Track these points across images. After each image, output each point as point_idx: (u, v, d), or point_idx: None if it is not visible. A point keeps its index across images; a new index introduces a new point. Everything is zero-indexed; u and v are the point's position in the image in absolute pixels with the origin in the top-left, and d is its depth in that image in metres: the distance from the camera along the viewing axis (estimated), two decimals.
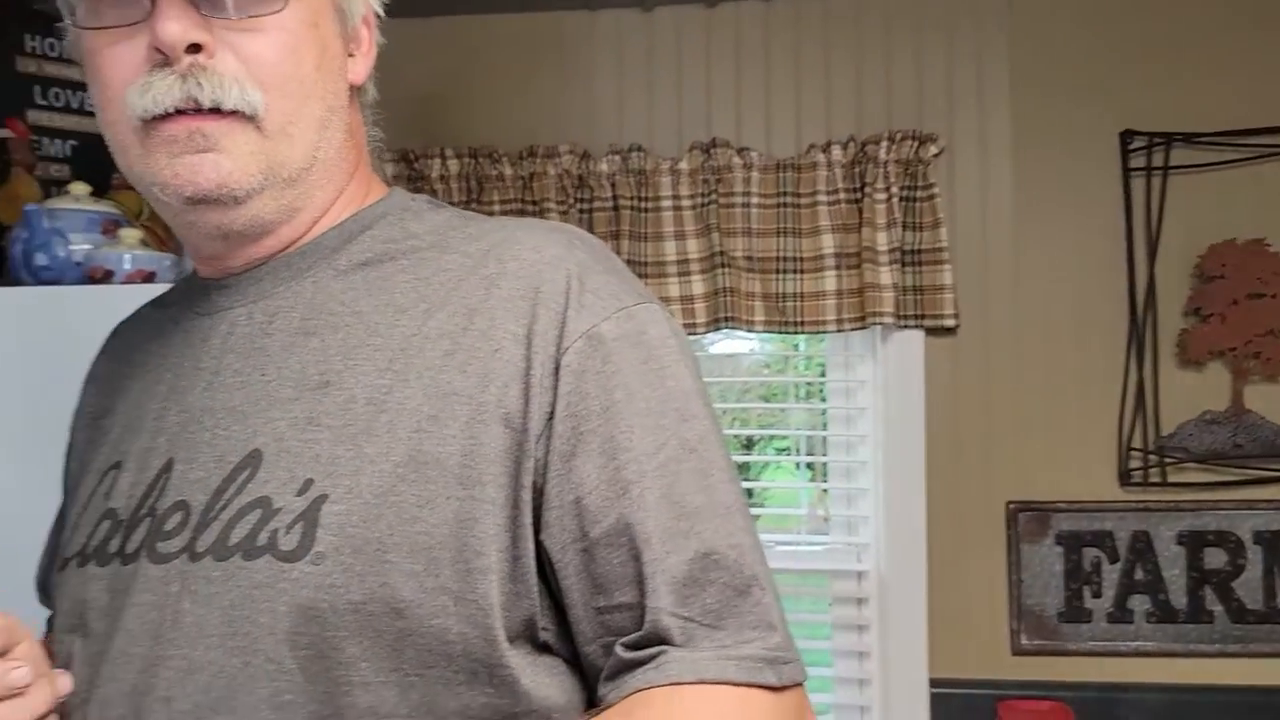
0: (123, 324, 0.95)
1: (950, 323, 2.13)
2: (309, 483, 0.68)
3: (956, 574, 2.17)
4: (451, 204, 2.21)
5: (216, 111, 0.71)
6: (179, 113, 0.71)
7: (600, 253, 0.78)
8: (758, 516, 2.54)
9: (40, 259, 1.65)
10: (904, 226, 2.12)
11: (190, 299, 0.84)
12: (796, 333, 2.17)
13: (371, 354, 0.73)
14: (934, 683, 2.16)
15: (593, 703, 0.72)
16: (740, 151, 2.17)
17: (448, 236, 0.79)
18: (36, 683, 0.69)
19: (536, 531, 0.70)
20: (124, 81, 0.72)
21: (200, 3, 0.70)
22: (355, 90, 0.82)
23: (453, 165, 2.21)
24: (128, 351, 0.89)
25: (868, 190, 2.11)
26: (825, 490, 2.40)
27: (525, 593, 0.69)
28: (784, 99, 2.22)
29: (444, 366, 0.71)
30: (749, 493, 2.63)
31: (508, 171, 2.20)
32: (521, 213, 2.20)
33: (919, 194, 2.12)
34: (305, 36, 0.74)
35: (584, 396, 0.70)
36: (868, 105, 2.20)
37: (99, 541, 0.77)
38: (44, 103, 2.17)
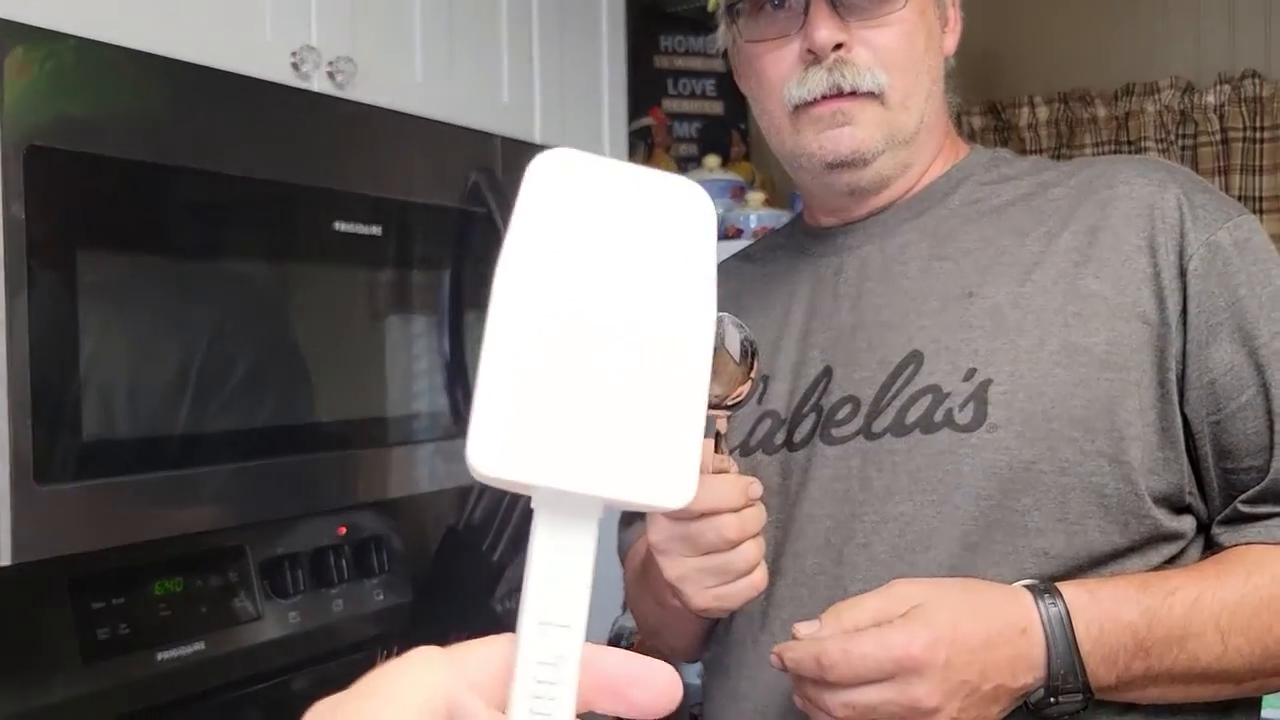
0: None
1: None
2: (972, 371, 0.84)
3: None
4: (1040, 151, 2.22)
5: (853, 93, 0.89)
6: (824, 97, 0.89)
7: (1194, 176, 0.93)
8: None
9: None
10: None
11: (805, 246, 1.03)
12: None
13: (1006, 268, 0.87)
14: None
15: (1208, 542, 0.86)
16: None
17: (1043, 175, 0.94)
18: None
19: (1181, 406, 0.82)
20: (782, 78, 0.91)
21: (840, 11, 0.88)
22: (945, 61, 0.97)
23: (1042, 112, 2.21)
24: (732, 296, 1.05)
25: None
26: None
27: (1174, 459, 0.82)
28: None
29: (1078, 274, 0.85)
30: None
31: (1101, 113, 2.15)
32: (1117, 155, 2.14)
33: None
34: (918, 24, 0.91)
35: (1211, 295, 0.84)
36: None
37: (762, 436, 0.96)
38: (675, 92, 2.54)
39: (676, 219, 0.35)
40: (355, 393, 1.33)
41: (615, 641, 1.76)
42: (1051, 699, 0.75)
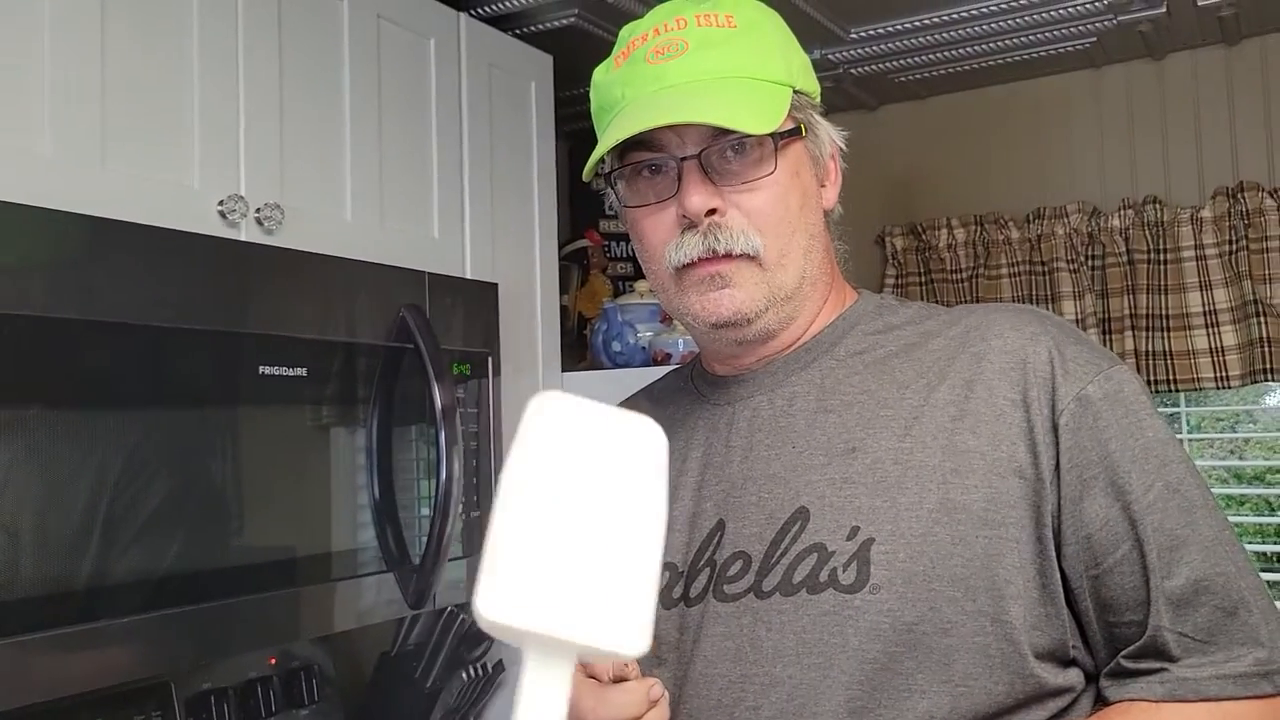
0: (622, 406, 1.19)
1: None
2: (855, 529, 0.85)
3: None
4: (959, 270, 2.32)
5: (728, 255, 0.91)
6: (701, 260, 0.92)
7: (1066, 326, 0.93)
8: None
9: (615, 346, 2.02)
10: None
11: (702, 392, 1.06)
12: None
13: (887, 423, 0.90)
14: None
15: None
16: (1273, 193, 2.03)
17: (925, 324, 0.97)
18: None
19: (1060, 562, 0.84)
20: (662, 241, 0.94)
21: (713, 177, 0.91)
22: (827, 214, 1.00)
23: (959, 234, 2.31)
24: None
25: None
26: None
27: (1055, 614, 0.84)
28: None
29: (955, 430, 0.87)
30: None
31: (1014, 235, 2.25)
32: (1030, 275, 2.24)
33: None
34: (790, 186, 0.93)
35: (1083, 450, 0.85)
36: None
37: (660, 588, 0.98)
38: (611, 213, 2.61)
39: (638, 444, 0.49)
40: (282, 531, 1.34)
41: None
42: None
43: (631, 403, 1.18)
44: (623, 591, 0.47)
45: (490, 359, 1.68)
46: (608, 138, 0.92)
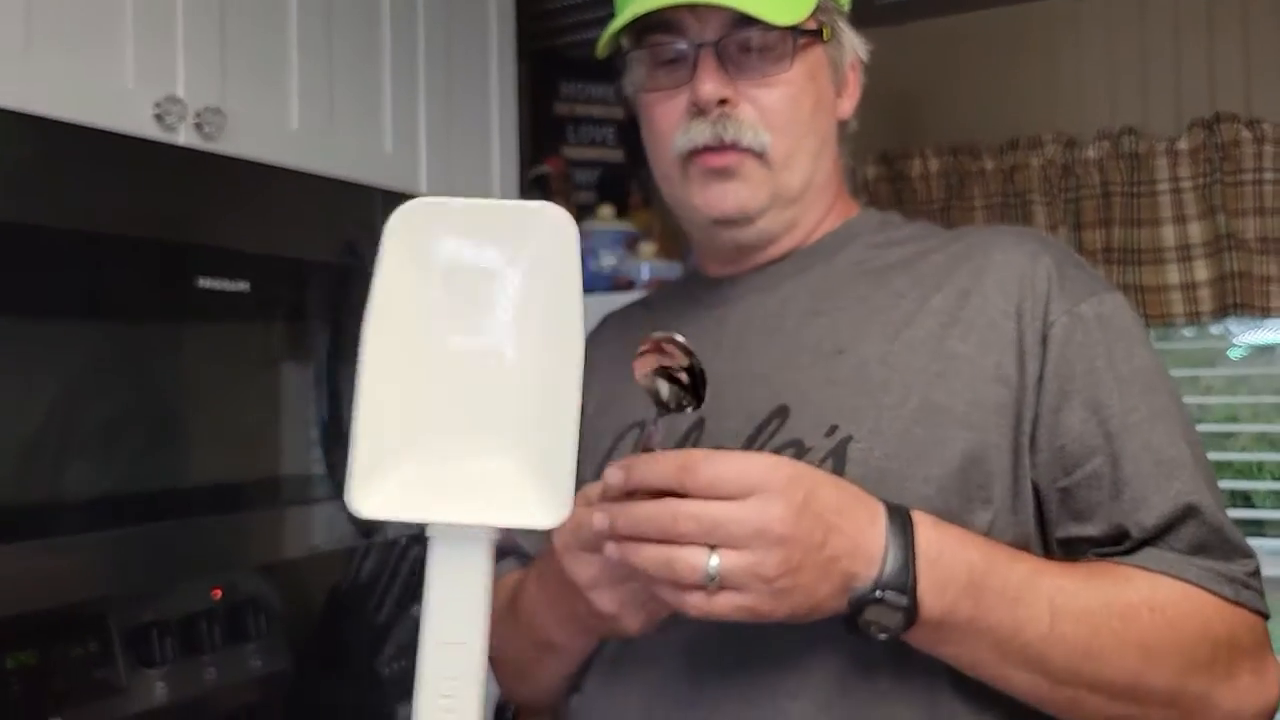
0: (613, 315, 1.17)
1: None
2: (834, 428, 0.84)
3: None
4: (932, 201, 2.27)
5: (734, 146, 0.90)
6: (708, 150, 0.91)
7: (1068, 252, 0.93)
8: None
9: None
10: None
11: (697, 295, 1.04)
12: None
13: (879, 327, 0.89)
14: None
15: None
16: (1250, 124, 1.99)
17: (928, 240, 0.96)
18: None
19: (1031, 472, 0.83)
20: (671, 127, 0.93)
21: (728, 67, 0.90)
22: (842, 125, 0.99)
23: (933, 164, 2.25)
24: (625, 338, 1.08)
25: None
26: None
27: (1023, 523, 0.83)
28: None
29: (945, 335, 0.86)
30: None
31: (989, 166, 2.20)
32: (1004, 206, 2.19)
33: None
34: (805, 88, 0.92)
35: (1067, 363, 0.84)
36: None
37: None
38: (574, 140, 2.54)
39: (538, 246, 0.36)
40: (227, 455, 1.27)
41: (501, 711, 1.71)
42: (877, 593, 0.70)
43: (623, 314, 1.17)
44: (531, 449, 0.37)
45: None
46: (626, 11, 0.90)
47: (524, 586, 1.00)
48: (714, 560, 0.67)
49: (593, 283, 1.95)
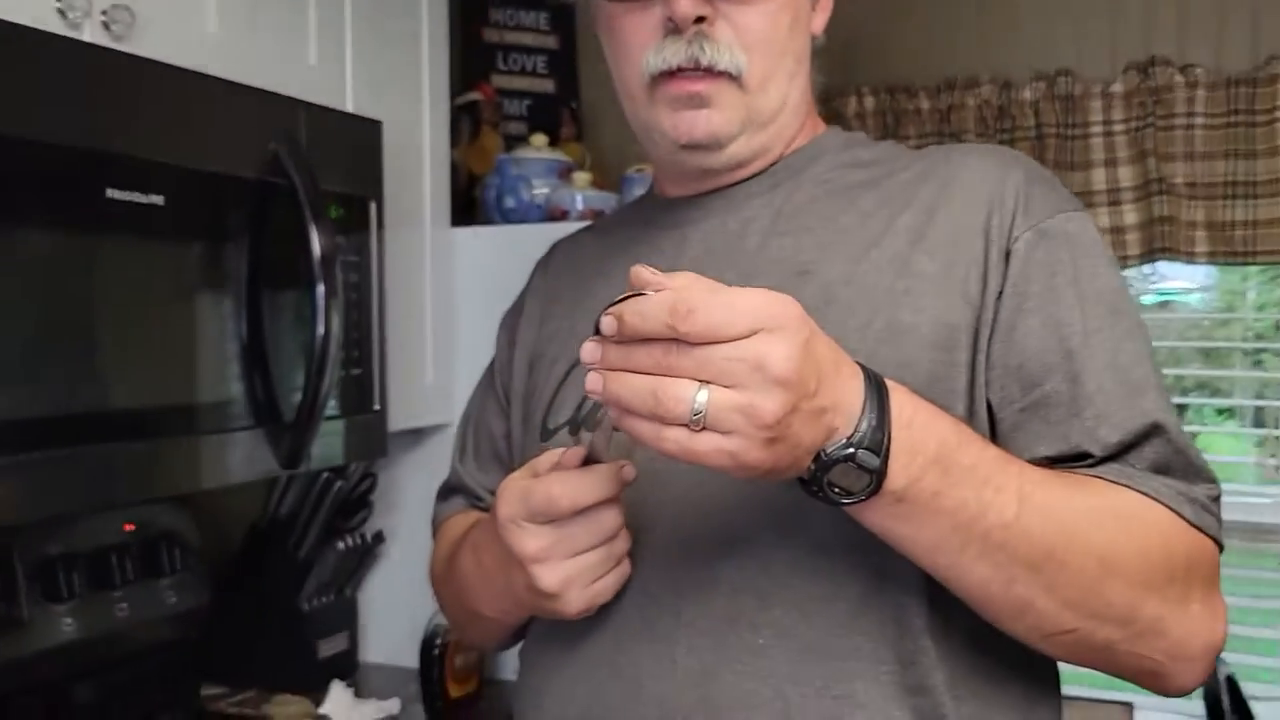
0: (562, 241, 1.12)
1: None
2: None
3: None
4: None
5: (709, 70, 0.86)
6: (681, 72, 0.86)
7: (1038, 168, 0.89)
8: None
9: (509, 201, 1.89)
10: None
11: (651, 217, 1.00)
12: (1247, 263, 1.98)
13: (845, 247, 0.85)
14: None
15: None
16: (1183, 69, 2.00)
17: (895, 160, 0.93)
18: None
19: (987, 390, 0.80)
20: (641, 45, 0.88)
21: None
22: (813, 39, 0.96)
23: (869, 103, 2.23)
24: (578, 263, 1.05)
25: None
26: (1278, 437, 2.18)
27: None
28: (1238, 5, 2.01)
29: (912, 253, 0.83)
30: None
31: (925, 106, 2.18)
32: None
33: None
34: (784, 5, 0.89)
35: (1027, 279, 0.81)
36: None
37: (588, 412, 0.92)
38: (505, 68, 2.45)
39: None
40: (139, 378, 1.20)
41: (429, 640, 1.68)
42: (849, 450, 0.64)
43: (571, 237, 1.12)
44: None
45: (374, 205, 1.54)
46: None
47: (459, 554, 0.96)
48: (702, 394, 0.60)
49: (524, 213, 1.88)
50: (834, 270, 0.84)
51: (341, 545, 1.75)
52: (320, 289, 1.32)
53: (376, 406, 1.55)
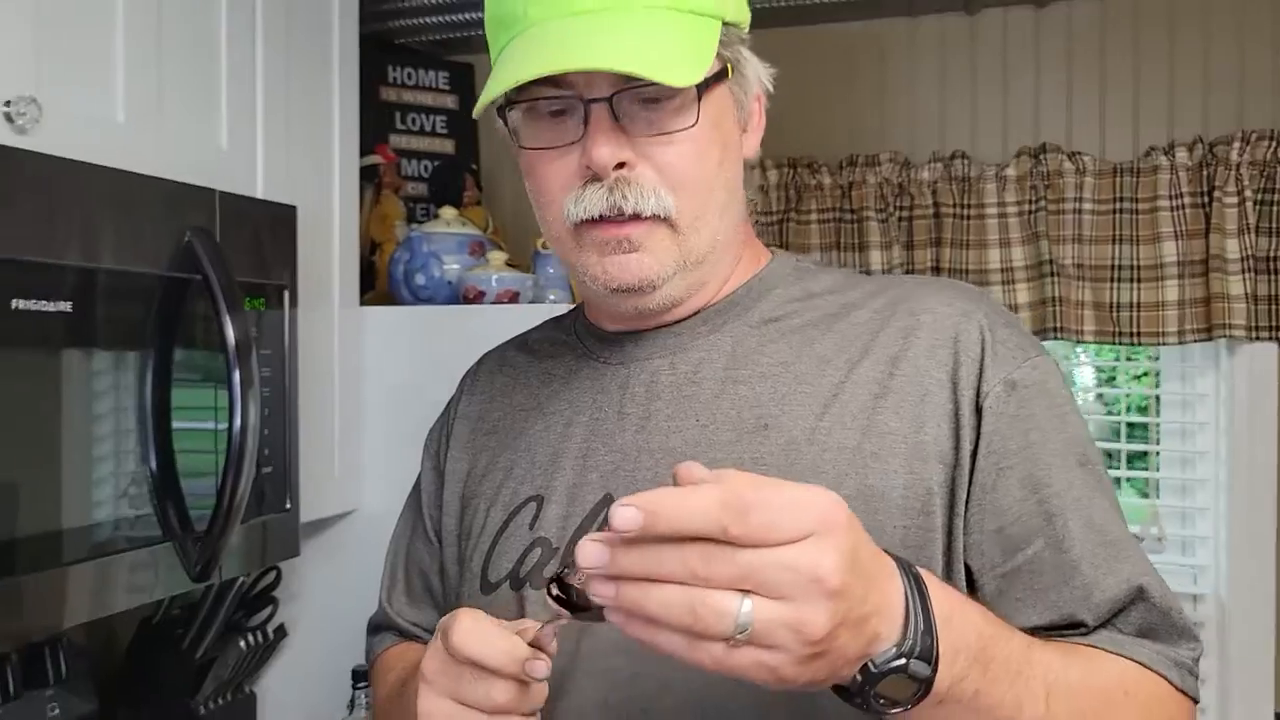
0: (490, 356, 1.06)
1: None
2: None
3: None
4: (770, 213, 2.27)
5: (636, 217, 0.81)
6: (604, 219, 0.81)
7: (997, 307, 0.88)
8: None
9: (419, 279, 1.83)
10: (1258, 232, 1.98)
11: (590, 349, 0.95)
12: (1131, 344, 2.08)
13: (804, 400, 0.82)
14: None
15: None
16: (1072, 156, 2.09)
17: (848, 293, 0.89)
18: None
19: (965, 555, 0.79)
20: (561, 190, 0.82)
21: (625, 124, 0.79)
22: (746, 163, 0.90)
23: (772, 175, 2.26)
24: (510, 390, 0.99)
25: (1216, 194, 1.99)
26: (1157, 509, 2.29)
27: None
28: (1120, 100, 2.13)
29: (876, 409, 0.80)
30: None
31: (826, 181, 2.22)
32: (840, 222, 2.22)
33: (1278, 197, 1.97)
34: (711, 138, 0.83)
35: (1002, 436, 0.79)
36: (1216, 103, 2.07)
37: (532, 566, 0.87)
38: (403, 127, 2.39)
39: None
40: (43, 501, 1.10)
41: (360, 675, 1.60)
42: (902, 661, 0.58)
43: (499, 354, 1.05)
44: None
45: (287, 292, 1.47)
46: (504, 74, 0.78)
47: (405, 691, 0.89)
48: (747, 605, 0.52)
49: (434, 291, 1.83)
50: (795, 426, 0.81)
51: (243, 644, 1.66)
52: (236, 378, 1.25)
53: (288, 505, 1.47)
